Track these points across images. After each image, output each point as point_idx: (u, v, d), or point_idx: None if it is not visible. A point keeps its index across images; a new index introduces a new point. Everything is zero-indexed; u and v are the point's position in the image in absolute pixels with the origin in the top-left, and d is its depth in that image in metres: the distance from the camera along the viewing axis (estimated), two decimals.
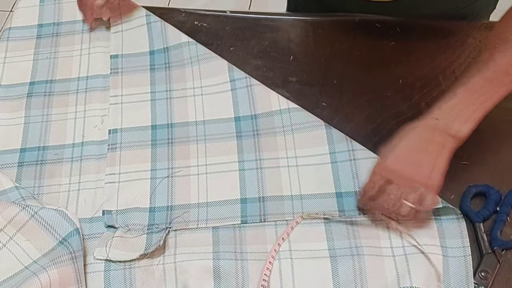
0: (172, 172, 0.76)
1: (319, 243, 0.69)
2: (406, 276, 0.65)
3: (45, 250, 0.65)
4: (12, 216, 0.65)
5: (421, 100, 0.82)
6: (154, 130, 0.80)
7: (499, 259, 0.67)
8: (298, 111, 0.79)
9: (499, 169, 0.75)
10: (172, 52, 0.88)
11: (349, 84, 0.84)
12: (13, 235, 0.65)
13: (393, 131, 0.79)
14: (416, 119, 0.68)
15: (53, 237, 0.66)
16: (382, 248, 0.68)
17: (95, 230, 0.72)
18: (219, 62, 0.85)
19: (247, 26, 0.92)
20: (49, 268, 0.62)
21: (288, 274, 0.67)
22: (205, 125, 0.80)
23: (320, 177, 0.74)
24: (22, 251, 0.65)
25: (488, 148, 0.77)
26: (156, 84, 0.85)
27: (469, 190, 0.73)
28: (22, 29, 0.93)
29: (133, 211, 0.73)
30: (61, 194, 0.75)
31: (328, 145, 0.76)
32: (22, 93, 0.85)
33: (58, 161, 0.78)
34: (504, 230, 0.69)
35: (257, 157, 0.77)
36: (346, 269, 0.66)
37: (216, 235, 0.71)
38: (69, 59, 0.89)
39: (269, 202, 0.73)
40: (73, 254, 0.66)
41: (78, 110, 0.83)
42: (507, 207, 0.71)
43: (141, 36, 0.90)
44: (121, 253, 0.69)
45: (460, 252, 0.67)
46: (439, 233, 0.69)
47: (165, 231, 0.70)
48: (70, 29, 0.93)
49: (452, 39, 0.88)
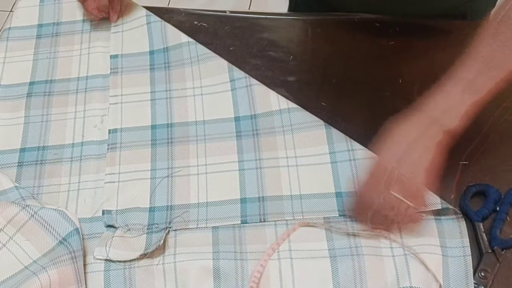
0: (172, 172, 0.76)
1: (319, 243, 0.69)
2: (405, 276, 0.65)
3: (45, 250, 0.65)
4: (11, 216, 0.65)
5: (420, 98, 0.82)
6: (154, 130, 0.80)
7: (499, 258, 0.67)
8: (298, 111, 0.79)
9: (499, 169, 0.75)
10: (172, 52, 0.88)
11: (348, 84, 0.84)
12: (13, 235, 0.64)
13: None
14: (406, 112, 0.68)
15: (53, 237, 0.66)
16: (382, 248, 0.68)
17: (95, 230, 0.72)
18: (219, 62, 0.85)
19: (246, 26, 0.92)
20: (49, 268, 0.62)
21: (288, 274, 0.67)
22: (205, 125, 0.80)
23: (319, 177, 0.74)
24: (22, 251, 0.65)
25: (488, 148, 0.77)
26: (155, 84, 0.85)
27: (468, 189, 0.73)
28: (21, 29, 0.93)
29: (133, 210, 0.73)
30: (61, 194, 0.75)
31: (327, 144, 0.76)
32: (21, 93, 0.85)
33: (58, 161, 0.78)
34: (503, 229, 0.69)
35: (256, 157, 0.77)
36: (346, 269, 0.66)
37: (216, 235, 0.71)
38: (69, 59, 0.89)
39: (269, 202, 0.73)
40: (73, 254, 0.66)
41: (78, 110, 0.83)
42: (507, 206, 0.71)
43: (141, 36, 0.90)
44: (121, 252, 0.69)
45: (460, 252, 0.67)
46: (438, 233, 0.69)
47: (165, 231, 0.70)
48: (70, 29, 0.93)
49: (452, 38, 0.89)
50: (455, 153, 0.76)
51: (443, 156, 0.65)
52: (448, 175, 0.75)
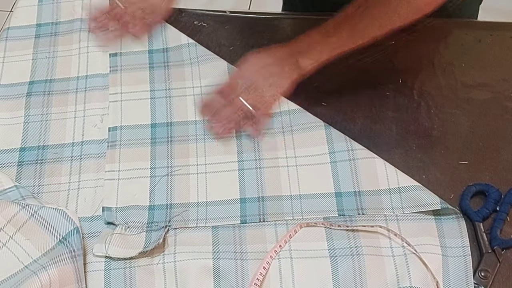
0: (172, 170, 0.76)
1: (319, 243, 0.69)
2: (405, 276, 0.65)
3: (45, 249, 0.65)
4: (12, 215, 0.65)
5: (421, 99, 0.82)
6: (154, 128, 0.80)
7: (499, 258, 0.67)
8: (298, 111, 0.79)
9: (499, 169, 0.75)
10: (172, 52, 0.88)
11: (349, 84, 0.84)
12: (13, 234, 0.64)
13: (393, 130, 0.79)
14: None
15: (53, 236, 0.66)
16: (382, 248, 0.68)
17: (95, 229, 0.72)
18: (218, 63, 0.85)
19: (246, 25, 0.92)
20: (49, 267, 0.62)
21: (288, 274, 0.67)
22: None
23: (319, 177, 0.74)
24: (22, 250, 0.65)
25: (487, 147, 0.77)
26: (155, 83, 0.85)
27: (468, 189, 0.73)
28: (20, 28, 0.93)
29: (133, 208, 0.73)
30: (61, 193, 0.75)
31: (327, 144, 0.76)
32: (21, 92, 0.85)
33: (58, 160, 0.78)
34: (504, 229, 0.69)
35: (256, 156, 0.77)
36: (346, 269, 0.66)
37: (216, 234, 0.71)
38: (68, 58, 0.89)
39: (269, 202, 0.73)
40: (73, 253, 0.65)
41: (78, 109, 0.83)
42: (507, 206, 0.71)
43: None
44: (120, 250, 0.69)
45: (460, 252, 0.67)
46: (438, 232, 0.69)
47: (164, 229, 0.70)
48: (68, 28, 0.92)
49: (451, 37, 0.89)
50: (454, 152, 0.77)
51: (293, 84, 0.78)
52: (448, 175, 0.75)
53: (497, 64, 0.85)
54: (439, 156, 0.76)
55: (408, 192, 0.70)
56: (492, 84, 0.83)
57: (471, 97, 0.82)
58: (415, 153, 0.77)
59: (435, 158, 0.76)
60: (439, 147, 0.77)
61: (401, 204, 0.70)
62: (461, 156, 0.76)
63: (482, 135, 0.78)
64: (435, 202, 0.69)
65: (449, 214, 0.70)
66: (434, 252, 0.67)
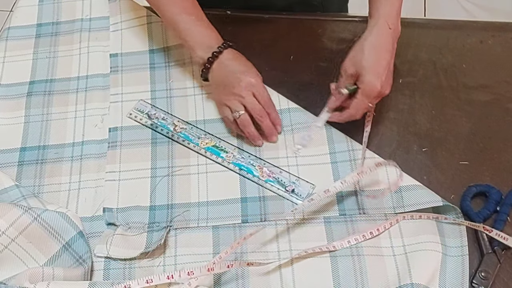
0: (172, 170, 0.76)
1: (319, 243, 0.69)
2: (406, 274, 0.65)
3: (50, 255, 0.65)
4: (14, 219, 0.64)
5: (421, 99, 0.82)
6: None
7: (500, 259, 0.67)
8: (298, 110, 0.79)
9: (499, 169, 0.75)
10: (173, 52, 0.88)
11: None
12: (15, 237, 0.64)
13: (394, 131, 0.79)
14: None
15: (57, 240, 0.66)
16: (383, 247, 0.68)
17: (95, 229, 0.72)
18: None
19: (247, 25, 0.92)
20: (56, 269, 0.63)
21: (288, 274, 0.67)
22: (205, 124, 0.80)
23: (320, 177, 0.74)
24: (25, 252, 0.64)
25: (488, 148, 0.77)
26: (156, 83, 0.85)
27: (469, 189, 0.73)
28: (21, 28, 0.93)
29: (134, 209, 0.73)
30: (62, 193, 0.75)
31: (328, 145, 0.76)
32: (22, 92, 0.85)
33: (58, 160, 0.78)
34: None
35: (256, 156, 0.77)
36: (346, 268, 0.67)
37: (217, 235, 0.71)
38: (69, 58, 0.89)
39: (269, 202, 0.73)
40: (80, 260, 0.66)
41: (78, 109, 0.83)
42: (508, 207, 0.71)
43: (141, 35, 0.90)
44: (121, 250, 0.69)
45: (458, 251, 0.67)
46: (439, 231, 0.69)
47: (165, 229, 0.70)
48: (69, 28, 0.93)
49: (453, 38, 0.89)
50: (455, 153, 0.76)
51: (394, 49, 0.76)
52: (448, 175, 0.75)
53: (499, 66, 0.85)
54: (440, 157, 0.76)
55: (409, 191, 0.71)
56: (494, 86, 0.83)
57: (473, 98, 0.82)
58: (416, 154, 0.77)
59: (436, 159, 0.76)
60: (440, 148, 0.77)
61: (402, 203, 0.70)
62: (462, 157, 0.76)
63: (483, 136, 0.78)
64: (436, 200, 0.69)
65: (449, 213, 0.69)
66: (435, 249, 0.67)
